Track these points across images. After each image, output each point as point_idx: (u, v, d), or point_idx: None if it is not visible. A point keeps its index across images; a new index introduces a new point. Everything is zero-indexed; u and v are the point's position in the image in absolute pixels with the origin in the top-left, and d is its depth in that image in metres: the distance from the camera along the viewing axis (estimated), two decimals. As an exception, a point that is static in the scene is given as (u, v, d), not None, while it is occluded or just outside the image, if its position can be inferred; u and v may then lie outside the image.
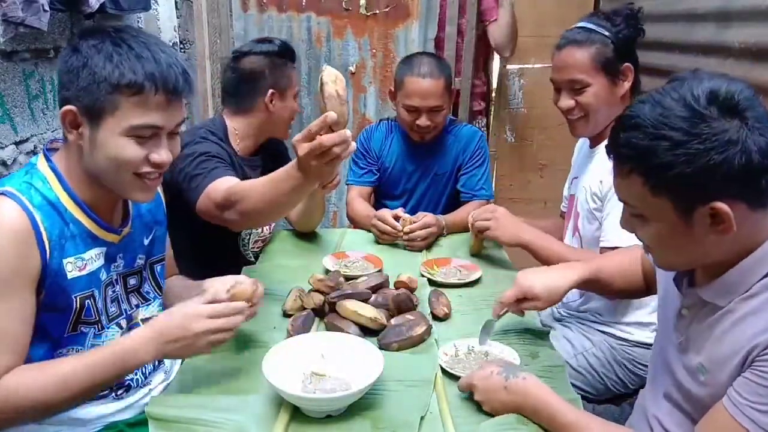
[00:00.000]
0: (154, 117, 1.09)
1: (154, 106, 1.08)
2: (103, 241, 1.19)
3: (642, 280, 1.34)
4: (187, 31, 2.82)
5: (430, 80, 2.05)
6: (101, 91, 1.05)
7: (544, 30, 3.19)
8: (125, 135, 1.08)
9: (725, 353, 0.92)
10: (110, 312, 1.21)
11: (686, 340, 1.02)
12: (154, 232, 1.33)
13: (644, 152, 0.89)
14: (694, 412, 1.00)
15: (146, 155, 1.11)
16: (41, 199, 1.09)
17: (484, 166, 2.24)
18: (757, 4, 1.75)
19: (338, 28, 3.13)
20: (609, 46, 1.59)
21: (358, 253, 1.85)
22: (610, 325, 1.64)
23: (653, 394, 1.13)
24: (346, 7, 3.09)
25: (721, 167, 0.85)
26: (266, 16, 3.08)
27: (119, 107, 1.06)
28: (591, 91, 1.61)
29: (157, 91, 1.07)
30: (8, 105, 1.73)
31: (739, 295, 0.93)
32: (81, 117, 1.08)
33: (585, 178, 1.68)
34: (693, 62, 2.01)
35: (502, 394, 1.08)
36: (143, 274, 1.31)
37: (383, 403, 1.13)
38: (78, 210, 1.14)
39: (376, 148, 2.29)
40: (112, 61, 1.05)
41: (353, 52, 3.17)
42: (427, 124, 2.10)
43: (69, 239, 1.11)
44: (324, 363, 1.19)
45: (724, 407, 0.89)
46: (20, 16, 1.57)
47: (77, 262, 1.13)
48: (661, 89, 0.93)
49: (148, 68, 1.06)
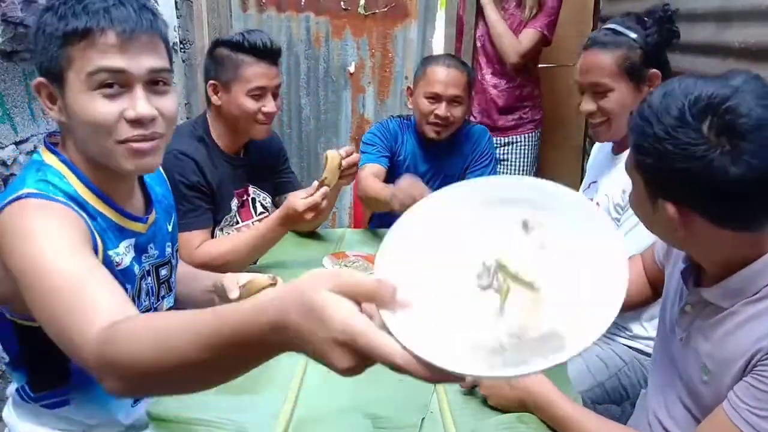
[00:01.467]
0: (111, 60, 0.94)
1: (107, 47, 0.94)
2: (131, 231, 1.09)
3: (649, 287, 1.33)
4: (187, 31, 2.82)
5: (454, 70, 2.06)
6: (53, 47, 0.95)
7: (543, 30, 3.19)
8: (88, 90, 0.95)
9: (728, 356, 0.92)
10: (141, 307, 1.13)
11: (688, 337, 1.02)
12: (173, 217, 1.27)
13: (636, 128, 0.94)
14: (695, 407, 1.00)
15: (120, 112, 0.96)
16: (63, 195, 0.97)
17: (490, 166, 2.23)
18: (757, 4, 1.75)
19: (337, 28, 3.13)
20: (636, 51, 1.52)
21: (358, 253, 1.85)
22: (634, 339, 1.58)
23: (654, 389, 1.13)
24: (345, 6, 3.09)
25: (680, 175, 0.87)
26: (265, 16, 3.08)
27: (74, 59, 0.95)
28: (613, 97, 1.55)
29: (103, 31, 0.94)
30: (8, 105, 1.72)
31: (745, 298, 0.92)
32: (52, 87, 0.99)
33: (606, 185, 1.62)
34: (693, 62, 2.01)
35: (506, 389, 1.09)
36: (172, 263, 1.24)
37: (384, 403, 1.13)
38: (99, 202, 1.03)
39: (391, 139, 2.22)
40: (57, 13, 0.95)
41: (352, 52, 3.17)
42: (446, 114, 2.05)
43: (102, 233, 1.02)
44: None
45: (724, 410, 0.89)
46: (20, 16, 1.57)
47: (115, 256, 1.04)
48: (691, 79, 0.92)
49: (92, 8, 0.94)
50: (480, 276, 0.61)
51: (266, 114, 1.77)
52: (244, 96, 1.73)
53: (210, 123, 1.82)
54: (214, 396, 1.14)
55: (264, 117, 1.77)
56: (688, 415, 1.03)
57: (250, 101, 1.74)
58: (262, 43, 1.73)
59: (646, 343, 1.57)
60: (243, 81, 1.72)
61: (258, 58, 1.73)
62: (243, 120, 1.76)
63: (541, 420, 1.07)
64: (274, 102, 1.78)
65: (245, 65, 1.72)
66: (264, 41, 1.73)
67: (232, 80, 1.73)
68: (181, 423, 1.07)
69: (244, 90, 1.73)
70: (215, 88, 1.77)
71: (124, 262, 1.06)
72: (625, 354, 1.58)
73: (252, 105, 1.74)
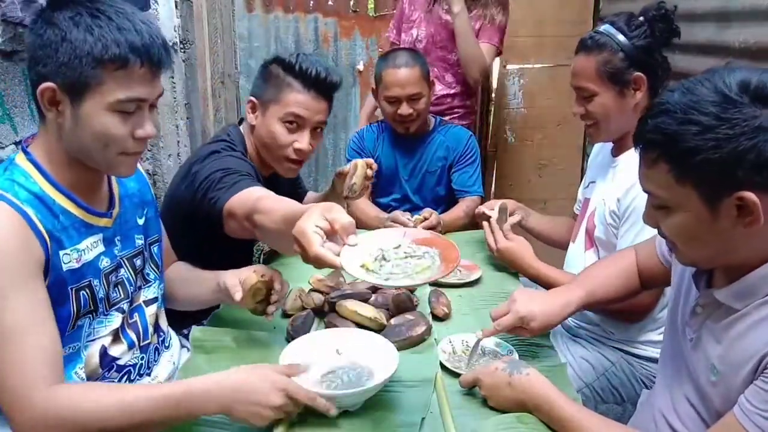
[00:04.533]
0: (139, 90, 1.06)
1: (138, 79, 1.05)
2: (97, 227, 1.16)
3: (638, 281, 1.34)
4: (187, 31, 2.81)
5: (406, 69, 2.14)
6: (84, 65, 1.01)
7: (543, 30, 3.20)
8: (110, 110, 1.05)
9: (739, 358, 0.91)
10: (112, 298, 1.19)
11: (698, 338, 1.02)
12: (146, 212, 1.31)
13: (672, 137, 0.88)
14: (702, 407, 1.00)
15: (131, 131, 1.08)
16: (27, 193, 1.05)
17: (475, 164, 2.31)
18: (757, 4, 1.75)
19: (345, 29, 3.16)
20: (618, 55, 1.50)
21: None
22: (624, 343, 1.58)
23: (662, 389, 1.13)
24: (354, 8, 3.11)
25: (750, 154, 0.83)
26: (272, 17, 3.09)
27: (104, 82, 1.03)
28: (598, 101, 1.55)
29: (142, 64, 1.04)
30: (8, 105, 1.72)
31: (757, 299, 0.91)
32: (61, 94, 1.04)
33: (603, 188, 1.62)
34: (693, 62, 2.01)
35: (506, 390, 1.09)
36: (144, 254, 1.29)
37: (384, 403, 1.13)
38: (65, 200, 1.10)
39: (369, 148, 2.35)
40: (93, 34, 1.01)
41: (360, 52, 3.20)
42: (408, 111, 2.16)
43: (62, 231, 1.08)
44: (339, 358, 1.21)
45: (734, 414, 0.89)
46: (20, 16, 1.57)
47: (73, 253, 1.10)
48: (693, 79, 0.91)
49: (131, 40, 1.03)
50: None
51: (297, 151, 1.60)
52: (278, 122, 1.58)
53: (246, 140, 1.69)
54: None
55: (294, 154, 1.61)
56: (694, 414, 1.02)
57: (282, 130, 1.59)
58: (316, 72, 1.57)
59: (632, 345, 1.57)
60: (281, 104, 1.58)
61: (305, 86, 1.58)
62: (272, 149, 1.62)
63: (541, 420, 1.07)
64: (310, 140, 1.61)
65: (289, 89, 1.58)
66: (319, 70, 1.58)
67: (271, 102, 1.60)
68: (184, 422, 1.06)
69: (278, 114, 1.58)
70: (253, 105, 1.64)
71: (84, 258, 1.12)
72: (612, 354, 1.59)
73: (283, 135, 1.59)
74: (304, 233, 1.00)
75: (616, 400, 1.57)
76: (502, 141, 3.37)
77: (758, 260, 0.91)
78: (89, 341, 1.15)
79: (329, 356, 1.21)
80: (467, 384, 1.16)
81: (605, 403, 1.57)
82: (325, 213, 1.04)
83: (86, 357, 1.14)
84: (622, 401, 1.57)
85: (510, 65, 3.25)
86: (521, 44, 3.20)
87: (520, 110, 3.33)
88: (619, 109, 1.55)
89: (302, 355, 1.18)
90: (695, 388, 1.02)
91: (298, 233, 1.02)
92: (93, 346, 1.16)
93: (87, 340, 1.15)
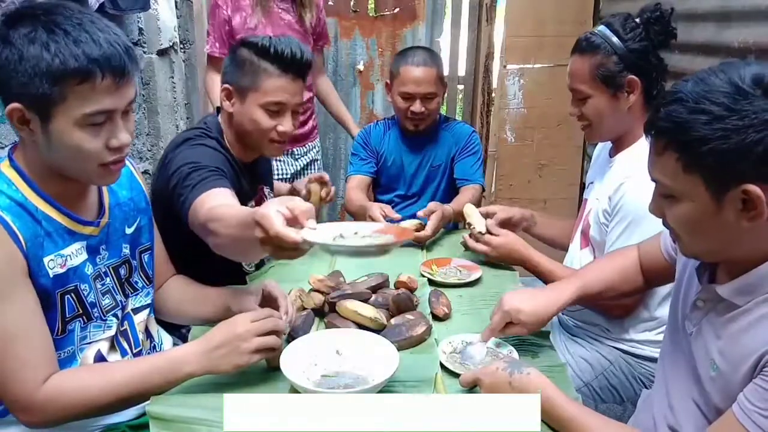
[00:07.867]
0: (105, 101, 1.03)
1: (103, 90, 1.02)
2: (81, 234, 1.16)
3: (642, 277, 1.35)
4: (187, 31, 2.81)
5: (423, 68, 2.16)
6: (44, 83, 0.99)
7: (543, 30, 3.20)
8: (79, 125, 1.03)
9: (739, 354, 0.91)
10: (104, 305, 1.20)
11: (698, 332, 1.02)
12: (138, 221, 1.31)
13: (681, 125, 0.88)
14: (702, 402, 1.00)
15: (104, 143, 1.07)
16: (8, 201, 1.05)
17: (476, 155, 2.33)
18: (757, 4, 1.75)
19: (346, 29, 3.17)
20: (611, 58, 1.50)
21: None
22: (621, 341, 1.58)
23: (661, 386, 1.13)
24: (354, 8, 3.11)
25: (758, 147, 0.83)
26: (272, 17, 3.08)
27: (67, 98, 1.01)
28: (591, 103, 1.56)
29: (104, 75, 1.01)
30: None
31: (759, 296, 0.91)
32: (29, 113, 1.03)
33: (599, 188, 1.63)
34: (693, 62, 2.01)
35: (507, 389, 1.09)
36: (132, 263, 1.29)
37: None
38: (49, 207, 1.10)
39: (374, 143, 2.38)
40: (49, 50, 0.98)
41: (361, 51, 3.21)
42: (421, 110, 2.18)
43: (45, 237, 1.09)
44: (339, 359, 1.22)
45: (733, 412, 0.89)
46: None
47: (57, 258, 1.10)
48: (707, 69, 0.91)
49: (88, 52, 1.00)
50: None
51: (281, 133, 1.59)
52: (259, 109, 1.55)
53: (223, 129, 1.65)
54: (214, 396, 1.14)
55: (278, 136, 1.59)
56: (694, 409, 1.02)
57: (264, 116, 1.56)
58: (291, 53, 1.53)
59: (630, 344, 1.57)
60: (260, 92, 1.54)
61: (283, 70, 1.54)
62: (254, 135, 1.59)
63: (542, 420, 1.07)
64: (292, 121, 1.60)
65: (266, 75, 1.54)
66: (294, 51, 1.54)
67: (249, 89, 1.55)
68: (181, 423, 1.07)
69: (259, 102, 1.55)
70: (229, 93, 1.59)
71: (69, 263, 1.12)
72: (610, 354, 1.59)
73: (266, 122, 1.56)
74: (265, 215, 0.99)
75: (614, 399, 1.57)
76: (502, 141, 3.37)
77: (762, 257, 0.92)
78: (84, 344, 1.16)
79: (329, 356, 1.22)
80: (467, 384, 1.16)
81: (604, 402, 1.57)
82: (285, 202, 1.03)
83: (81, 360, 1.15)
84: (621, 401, 1.57)
85: (510, 65, 3.25)
86: (521, 44, 3.20)
87: (520, 110, 3.33)
88: (613, 112, 1.55)
89: (302, 356, 1.19)
90: (695, 382, 1.02)
91: (259, 217, 1.00)
92: (88, 350, 1.17)
93: (82, 344, 1.16)
